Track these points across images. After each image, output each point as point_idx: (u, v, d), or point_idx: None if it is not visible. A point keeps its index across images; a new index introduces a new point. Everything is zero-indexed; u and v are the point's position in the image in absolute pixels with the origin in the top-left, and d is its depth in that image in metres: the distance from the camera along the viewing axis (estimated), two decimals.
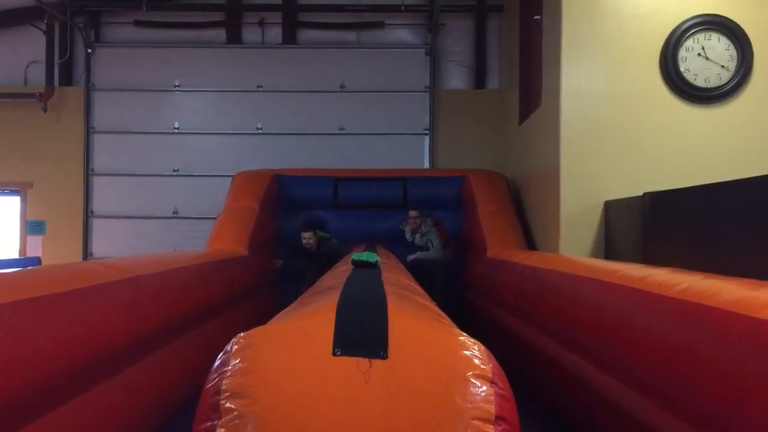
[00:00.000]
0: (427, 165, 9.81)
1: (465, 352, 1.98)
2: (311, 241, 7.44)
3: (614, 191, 5.75)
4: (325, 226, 8.22)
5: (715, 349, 2.24)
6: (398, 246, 7.73)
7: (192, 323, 4.58)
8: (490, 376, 1.92)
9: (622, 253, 5.37)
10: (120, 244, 9.64)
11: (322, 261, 6.98)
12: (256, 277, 6.91)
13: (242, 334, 2.02)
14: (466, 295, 7.71)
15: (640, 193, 5.11)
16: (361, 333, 1.97)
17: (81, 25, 9.93)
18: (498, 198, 7.65)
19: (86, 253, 9.87)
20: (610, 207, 5.78)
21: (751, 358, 2.03)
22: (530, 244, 7.13)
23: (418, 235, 7.77)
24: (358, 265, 3.49)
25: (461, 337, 2.04)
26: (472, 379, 1.89)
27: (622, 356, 3.04)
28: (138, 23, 10.01)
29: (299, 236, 7.57)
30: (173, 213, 9.92)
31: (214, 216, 8.11)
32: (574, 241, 5.88)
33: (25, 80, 10.04)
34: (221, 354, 1.98)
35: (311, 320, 2.14)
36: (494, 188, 7.86)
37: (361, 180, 8.47)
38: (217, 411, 1.81)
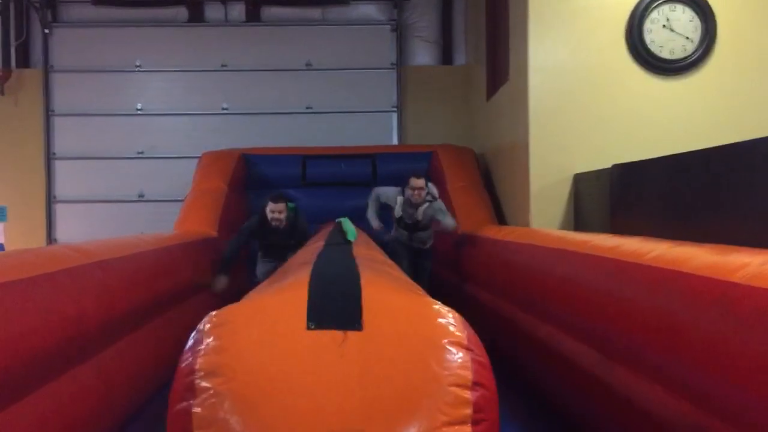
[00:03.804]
0: (395, 142, 9.78)
1: (440, 320, 1.99)
2: (282, 216, 5.75)
3: (583, 164, 5.79)
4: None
5: (688, 314, 2.28)
6: (369, 225, 7.71)
7: (163, 306, 4.53)
8: (465, 342, 1.93)
9: (591, 225, 5.43)
10: (85, 229, 9.45)
11: (292, 243, 5.68)
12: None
13: (214, 313, 2.00)
14: (437, 272, 7.73)
15: (609, 166, 5.16)
16: (335, 306, 1.96)
17: (37, 4, 9.64)
18: (467, 173, 7.66)
19: (50, 239, 9.68)
20: (579, 180, 5.83)
21: (725, 320, 2.07)
22: (500, 219, 7.16)
23: (422, 209, 6.01)
24: (339, 230, 3.47)
25: (436, 306, 2.06)
26: (448, 347, 1.90)
27: (596, 325, 3.08)
28: (96, 1, 9.74)
29: (264, 212, 5.88)
30: (139, 196, 9.76)
31: (181, 198, 7.99)
32: (544, 215, 5.93)
33: None
34: (194, 333, 1.95)
35: (284, 296, 2.13)
36: (463, 163, 7.87)
37: (330, 158, 8.42)
38: (192, 390, 1.78)
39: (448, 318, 2.00)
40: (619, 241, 3.21)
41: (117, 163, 9.77)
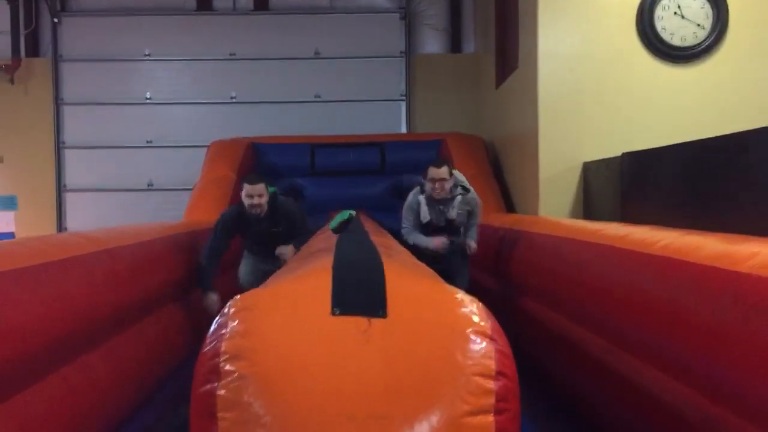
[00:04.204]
0: (404, 130, 9.76)
1: (463, 309, 1.98)
2: (262, 201, 4.78)
3: (593, 152, 5.76)
4: (303, 193, 8.10)
5: (697, 304, 2.27)
6: (376, 213, 7.70)
7: (172, 293, 4.55)
8: (489, 332, 1.92)
9: (601, 214, 5.40)
10: (94, 218, 9.48)
11: (279, 231, 4.93)
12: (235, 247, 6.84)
13: (239, 296, 2.01)
14: None
15: (619, 154, 5.13)
16: (360, 292, 1.96)
17: None
18: (476, 161, 7.64)
19: (60, 228, 9.72)
20: (588, 168, 5.80)
21: (733, 311, 2.07)
22: (509, 207, 7.15)
23: (457, 202, 4.80)
24: (338, 230, 3.47)
25: (458, 295, 2.05)
26: (471, 336, 1.89)
27: (605, 314, 3.08)
28: None
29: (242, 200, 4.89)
30: (148, 185, 9.79)
31: (190, 187, 8.01)
32: (553, 203, 5.91)
33: None
34: (218, 317, 1.96)
35: (308, 281, 2.13)
36: (472, 151, 7.85)
37: (338, 146, 8.41)
38: (216, 373, 1.79)
39: (471, 307, 1.99)
40: (628, 229, 3.21)
41: (126, 152, 9.80)
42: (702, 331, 2.22)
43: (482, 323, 1.94)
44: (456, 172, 4.96)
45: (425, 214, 4.81)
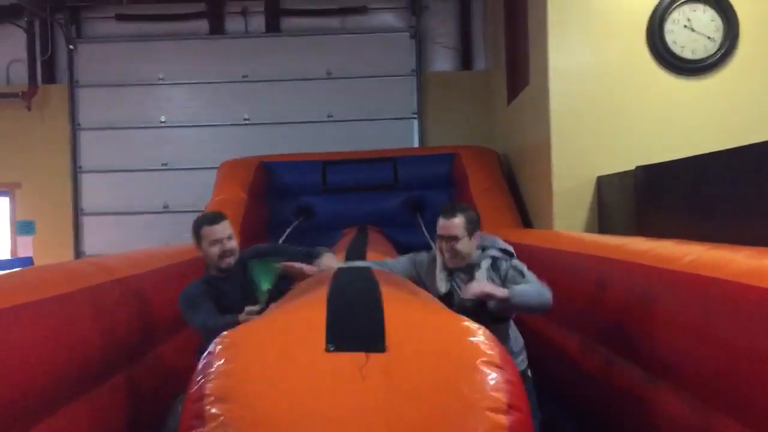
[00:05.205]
0: None
1: (470, 338, 1.85)
2: (233, 244, 3.64)
3: (606, 166, 5.73)
4: (313, 210, 8.02)
5: (727, 322, 2.18)
6: (390, 229, 7.67)
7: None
8: (498, 361, 1.79)
9: (616, 227, 5.37)
10: (111, 241, 9.53)
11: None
12: None
13: (226, 333, 1.89)
14: None
15: (632, 167, 5.10)
16: (355, 325, 1.83)
17: (62, 21, 9.81)
18: (491, 175, 7.57)
19: (78, 252, 9.80)
20: (602, 182, 5.77)
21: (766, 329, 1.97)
22: (525, 220, 7.11)
23: (481, 272, 3.21)
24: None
25: (465, 323, 1.92)
26: (479, 367, 1.76)
27: (630, 334, 2.98)
28: (119, 17, 9.88)
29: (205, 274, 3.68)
30: (164, 207, 9.85)
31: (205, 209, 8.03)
32: (567, 218, 5.88)
33: (8, 79, 9.90)
34: (205, 355, 1.84)
35: (300, 315, 2.01)
36: (486, 165, 7.78)
37: (350, 162, 8.39)
38: (201, 418, 1.67)
39: (479, 336, 1.86)
40: (651, 244, 3.11)
41: (142, 175, 9.88)
42: (733, 351, 2.14)
43: (490, 352, 1.81)
44: (490, 237, 3.43)
45: (442, 284, 3.21)
